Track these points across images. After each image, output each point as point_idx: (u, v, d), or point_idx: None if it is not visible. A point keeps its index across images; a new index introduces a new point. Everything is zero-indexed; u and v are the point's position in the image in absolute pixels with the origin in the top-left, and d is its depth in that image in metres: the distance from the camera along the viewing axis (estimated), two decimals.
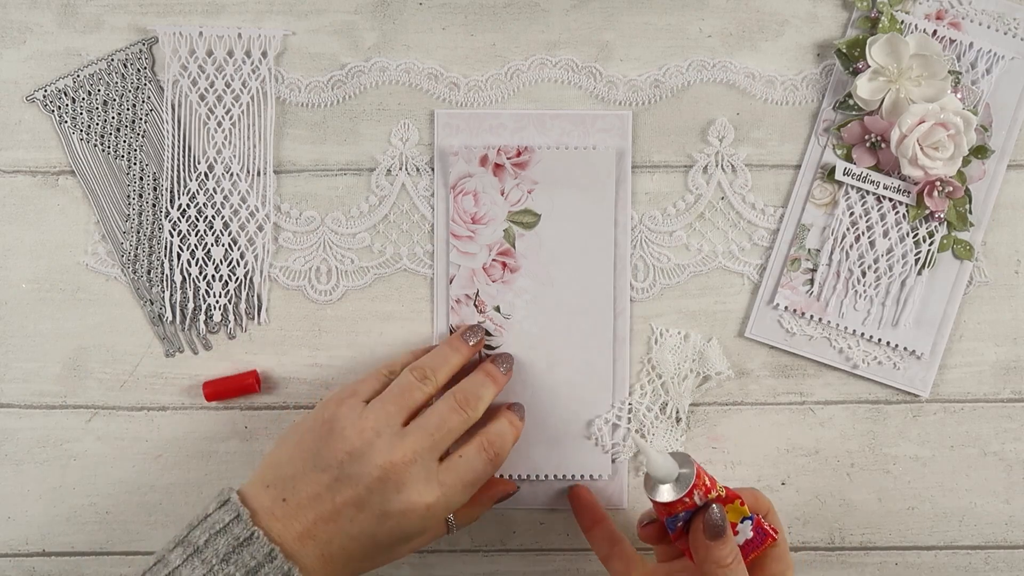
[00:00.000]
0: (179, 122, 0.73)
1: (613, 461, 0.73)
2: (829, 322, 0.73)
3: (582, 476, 0.73)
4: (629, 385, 0.73)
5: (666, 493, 0.62)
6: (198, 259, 0.73)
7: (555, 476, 0.73)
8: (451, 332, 0.72)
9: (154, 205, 0.73)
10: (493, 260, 0.72)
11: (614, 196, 0.72)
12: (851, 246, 0.72)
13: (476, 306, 0.72)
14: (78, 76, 0.73)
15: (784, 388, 0.73)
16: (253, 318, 0.73)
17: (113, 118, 0.73)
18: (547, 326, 0.72)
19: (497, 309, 0.72)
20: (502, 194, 0.72)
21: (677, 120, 0.73)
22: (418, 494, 0.62)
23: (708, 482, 0.62)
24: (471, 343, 0.70)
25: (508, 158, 0.72)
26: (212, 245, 0.73)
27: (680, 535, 0.63)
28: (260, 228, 0.73)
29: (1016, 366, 0.73)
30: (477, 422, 0.66)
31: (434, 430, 0.64)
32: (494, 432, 0.67)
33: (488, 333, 0.72)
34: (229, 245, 0.73)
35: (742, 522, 0.62)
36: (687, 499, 0.61)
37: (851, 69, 0.71)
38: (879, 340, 0.73)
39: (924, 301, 0.72)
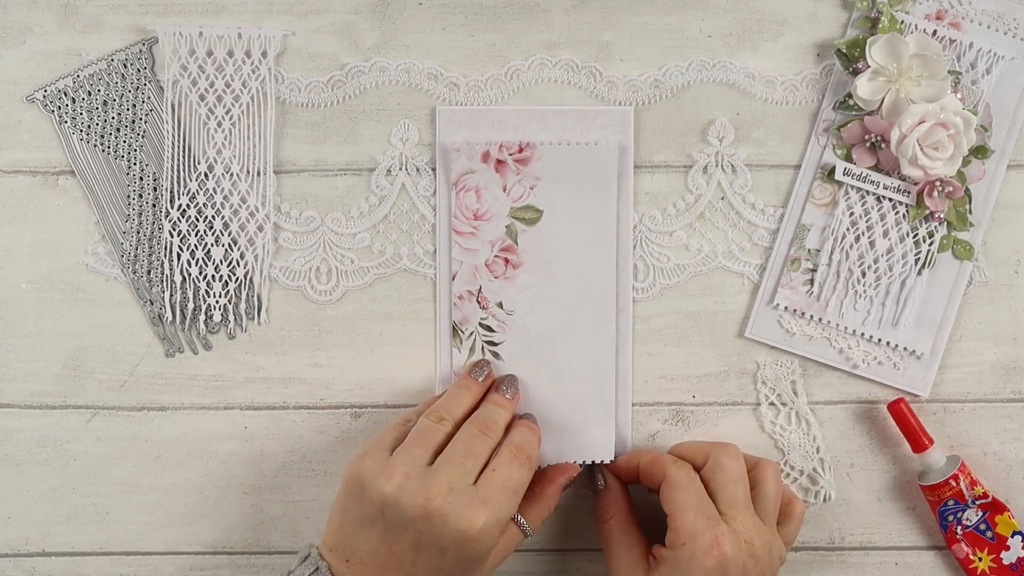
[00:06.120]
0: (179, 122, 0.73)
1: None
2: (829, 322, 0.73)
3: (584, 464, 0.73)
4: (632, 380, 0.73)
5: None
6: (198, 259, 0.73)
7: None
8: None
9: (154, 205, 0.73)
10: (495, 256, 0.72)
11: (616, 192, 0.72)
12: (851, 246, 0.72)
13: (479, 302, 0.72)
14: (78, 76, 0.73)
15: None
16: (253, 318, 0.73)
17: (113, 118, 0.73)
18: (550, 321, 0.72)
19: (500, 305, 0.72)
20: (504, 190, 0.72)
21: (677, 120, 0.73)
22: (465, 520, 0.62)
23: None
24: (480, 380, 0.70)
25: (510, 154, 0.72)
26: (212, 245, 0.73)
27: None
28: (260, 228, 0.73)
29: (1016, 366, 0.73)
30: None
31: (462, 458, 0.64)
32: (519, 439, 0.67)
33: (488, 363, 0.72)
34: (229, 245, 0.73)
35: (1012, 537, 0.62)
36: (952, 482, 0.69)
37: (851, 69, 0.71)
38: (879, 340, 0.73)
39: (924, 301, 0.72)
